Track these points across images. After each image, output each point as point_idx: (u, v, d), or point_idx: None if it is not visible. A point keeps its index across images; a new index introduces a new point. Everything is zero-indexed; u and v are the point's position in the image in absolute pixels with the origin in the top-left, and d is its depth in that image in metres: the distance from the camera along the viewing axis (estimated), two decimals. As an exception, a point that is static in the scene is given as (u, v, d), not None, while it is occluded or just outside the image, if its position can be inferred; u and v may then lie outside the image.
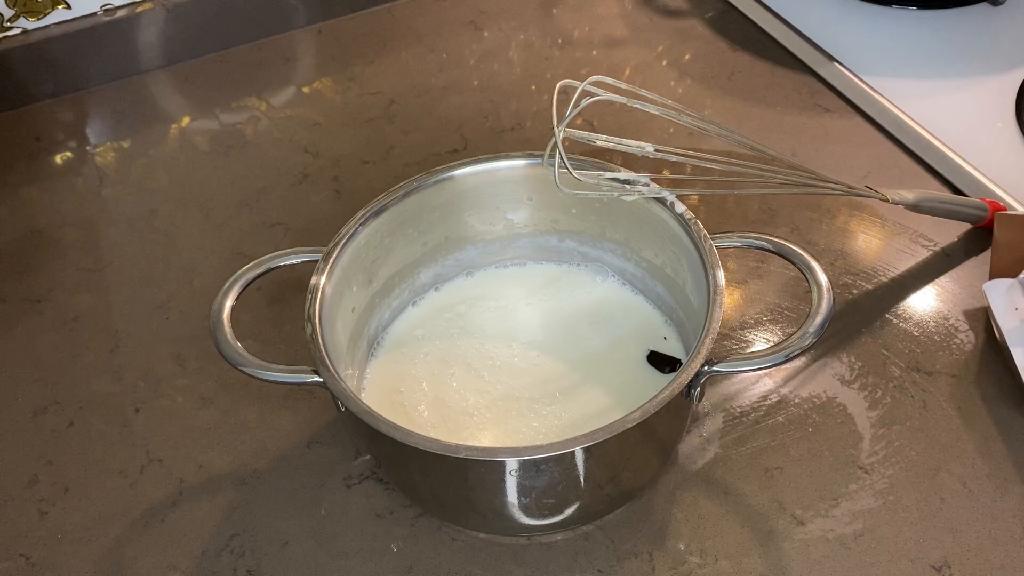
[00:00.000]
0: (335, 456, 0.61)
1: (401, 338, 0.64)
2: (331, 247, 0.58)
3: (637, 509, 0.57)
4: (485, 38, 0.94)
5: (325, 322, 0.55)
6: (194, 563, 0.57)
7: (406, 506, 0.59)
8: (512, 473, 0.50)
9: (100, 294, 0.73)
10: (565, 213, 0.64)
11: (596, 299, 0.66)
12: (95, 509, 0.60)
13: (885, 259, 0.70)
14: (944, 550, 0.55)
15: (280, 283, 0.71)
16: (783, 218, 0.74)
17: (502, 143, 0.83)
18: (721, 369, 0.52)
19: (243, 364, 0.53)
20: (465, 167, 0.62)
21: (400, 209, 0.61)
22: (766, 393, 0.62)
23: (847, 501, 0.57)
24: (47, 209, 0.81)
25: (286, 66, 0.94)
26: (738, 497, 0.58)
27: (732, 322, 0.67)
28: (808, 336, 0.52)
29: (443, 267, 0.66)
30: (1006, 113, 0.79)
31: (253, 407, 0.64)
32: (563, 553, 0.56)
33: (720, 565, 0.55)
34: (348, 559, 0.57)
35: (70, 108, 0.90)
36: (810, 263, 0.55)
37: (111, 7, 0.91)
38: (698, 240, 0.56)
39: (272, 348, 0.68)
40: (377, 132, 0.85)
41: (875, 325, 0.66)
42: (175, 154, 0.85)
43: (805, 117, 0.82)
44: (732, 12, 0.94)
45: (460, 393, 0.61)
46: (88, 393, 0.67)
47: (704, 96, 0.86)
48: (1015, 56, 0.85)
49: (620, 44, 0.92)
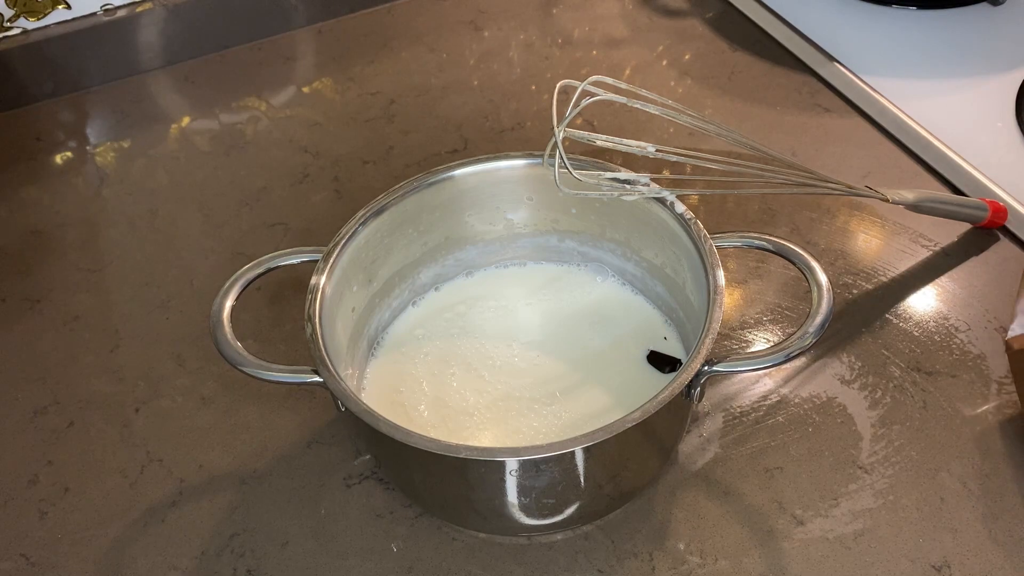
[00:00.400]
0: (335, 456, 0.61)
1: (401, 338, 0.64)
2: (331, 247, 0.58)
3: (637, 509, 0.57)
4: (485, 38, 0.94)
5: (325, 322, 0.55)
6: (194, 563, 0.57)
7: (406, 506, 0.59)
8: (512, 473, 0.50)
9: (100, 294, 0.73)
10: (565, 213, 0.64)
11: (596, 299, 0.66)
12: (95, 509, 0.60)
13: (885, 259, 0.70)
14: (944, 550, 0.55)
15: (280, 283, 0.71)
16: (783, 218, 0.74)
17: (502, 143, 0.83)
18: (721, 369, 0.52)
19: (243, 364, 0.53)
20: (465, 167, 0.62)
21: (400, 209, 0.61)
22: (766, 393, 0.62)
23: (847, 501, 0.57)
24: (47, 209, 0.81)
25: (286, 66, 0.94)
26: (738, 497, 0.58)
27: (732, 322, 0.67)
28: (808, 336, 0.52)
29: (443, 267, 0.66)
30: (1006, 113, 0.79)
31: (253, 407, 0.64)
32: (563, 553, 0.56)
33: (720, 565, 0.55)
34: (348, 559, 0.57)
35: (70, 108, 0.90)
36: (810, 263, 0.55)
37: (111, 7, 0.91)
38: (698, 240, 0.56)
39: (272, 348, 0.68)
40: (377, 132, 0.85)
41: (875, 325, 0.66)
42: (175, 154, 0.85)
43: (805, 117, 0.82)
44: (732, 12, 0.94)
45: (460, 393, 0.61)
46: (88, 393, 0.67)
47: (704, 96, 0.86)
48: (1015, 56, 0.85)
49: (620, 44, 0.92)
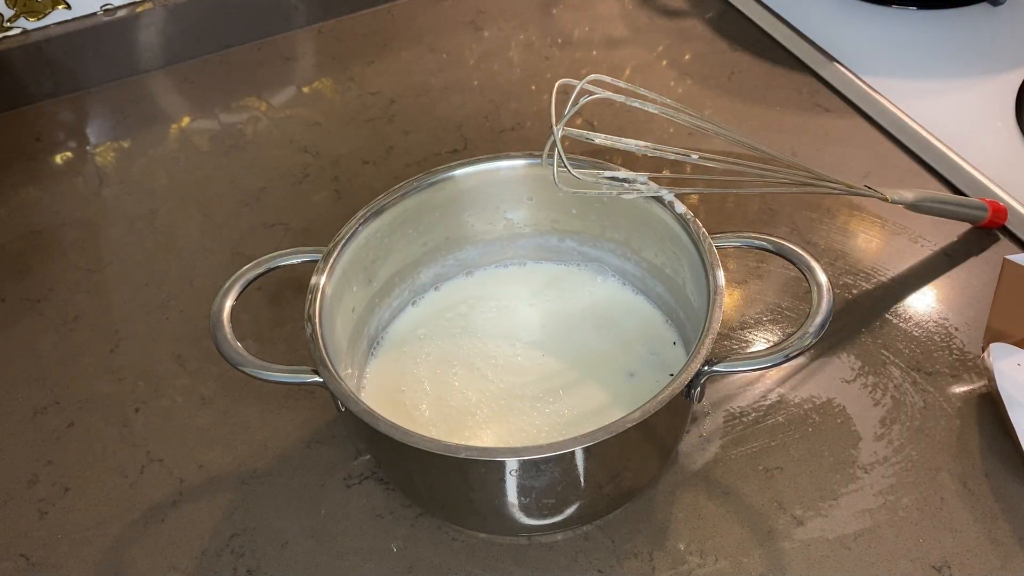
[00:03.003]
0: (335, 456, 0.61)
1: (402, 338, 0.64)
2: (331, 247, 0.58)
3: (637, 509, 0.57)
4: (485, 38, 0.94)
5: (325, 322, 0.55)
6: (194, 563, 0.57)
7: (406, 506, 0.59)
8: (512, 473, 0.50)
9: (100, 294, 0.73)
10: (565, 213, 0.64)
11: (596, 299, 0.65)
12: (95, 509, 0.60)
13: (885, 259, 0.70)
14: (944, 550, 0.55)
15: (280, 283, 0.71)
16: (783, 218, 0.74)
17: (502, 143, 0.83)
18: (721, 369, 0.52)
19: (243, 364, 0.53)
20: (465, 167, 0.62)
21: (400, 209, 0.61)
22: (766, 393, 0.62)
23: (847, 501, 0.57)
24: (47, 209, 0.81)
25: (286, 66, 0.94)
26: (738, 497, 0.58)
27: (732, 322, 0.67)
28: (808, 336, 0.52)
29: (443, 267, 0.66)
30: (1006, 113, 0.79)
31: (253, 407, 0.64)
32: (563, 553, 0.56)
33: (720, 565, 0.55)
34: (348, 559, 0.57)
35: (70, 108, 0.90)
36: (810, 263, 0.55)
37: (111, 7, 0.91)
38: (698, 240, 0.56)
39: (272, 348, 0.68)
40: (377, 132, 0.85)
41: (875, 325, 0.66)
42: (175, 154, 0.85)
43: (805, 117, 0.82)
44: (732, 12, 0.94)
45: (462, 392, 0.61)
46: (88, 393, 0.67)
47: (704, 96, 0.86)
48: (1015, 56, 0.85)
49: (620, 44, 0.92)
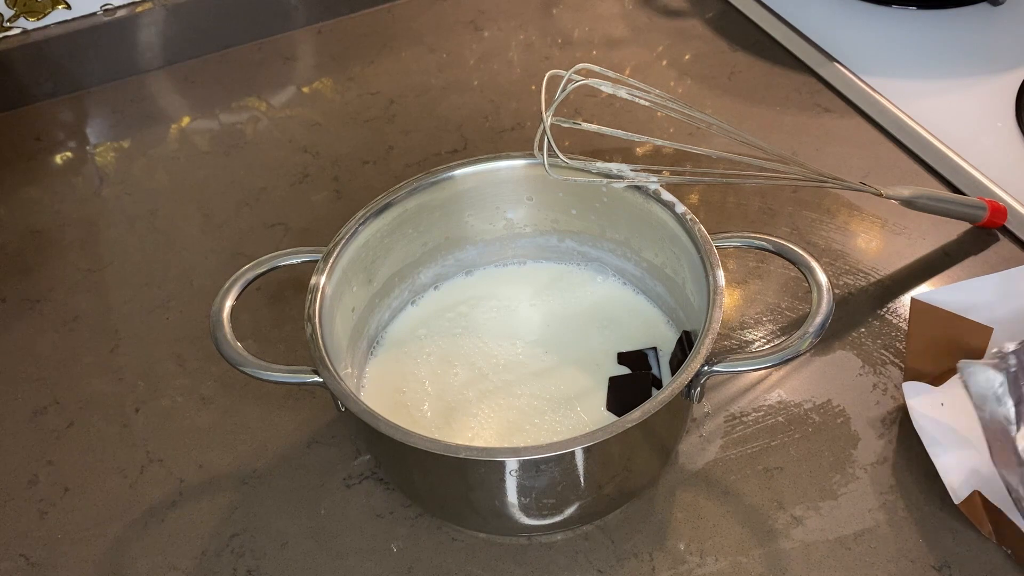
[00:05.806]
0: (335, 456, 0.61)
1: (402, 338, 0.64)
2: (331, 247, 0.58)
3: (637, 509, 0.57)
4: (485, 38, 0.94)
5: (325, 322, 0.55)
6: (194, 563, 0.57)
7: (406, 506, 0.59)
8: (512, 473, 0.50)
9: (100, 294, 0.73)
10: (565, 213, 0.64)
11: (597, 299, 0.65)
12: (95, 509, 0.60)
13: (885, 259, 0.70)
14: (944, 550, 0.55)
15: (280, 283, 0.71)
16: (783, 218, 0.74)
17: (502, 143, 0.83)
18: (721, 369, 0.52)
19: (243, 364, 0.53)
20: (465, 167, 0.62)
21: (400, 209, 0.61)
22: (766, 393, 0.62)
23: (847, 501, 0.57)
24: (47, 209, 0.81)
25: (286, 66, 0.94)
26: (738, 497, 0.58)
27: (732, 322, 0.67)
28: (808, 336, 0.52)
29: (443, 267, 0.66)
30: (1006, 113, 0.79)
31: (253, 407, 0.64)
32: (563, 553, 0.56)
33: (720, 565, 0.55)
34: (348, 559, 0.57)
35: (70, 108, 0.90)
36: (810, 263, 0.55)
37: (111, 7, 0.91)
38: (698, 240, 0.56)
39: (272, 348, 0.68)
40: (377, 132, 0.85)
41: (875, 325, 0.66)
42: (175, 154, 0.85)
43: (805, 117, 0.82)
44: (732, 12, 0.94)
45: (462, 392, 0.61)
46: (88, 393, 0.67)
47: (704, 96, 0.86)
48: (1015, 56, 0.85)
49: (620, 44, 0.92)
